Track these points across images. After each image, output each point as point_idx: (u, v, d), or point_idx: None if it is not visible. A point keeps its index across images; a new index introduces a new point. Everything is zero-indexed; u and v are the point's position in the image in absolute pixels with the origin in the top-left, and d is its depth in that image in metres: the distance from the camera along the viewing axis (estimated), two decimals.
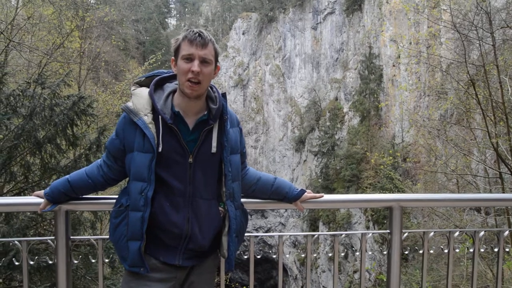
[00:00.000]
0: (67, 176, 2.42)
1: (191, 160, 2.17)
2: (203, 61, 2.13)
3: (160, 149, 2.13)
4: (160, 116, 2.16)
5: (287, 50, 47.20)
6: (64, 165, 8.39)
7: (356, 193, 31.66)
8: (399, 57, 32.28)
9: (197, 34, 2.12)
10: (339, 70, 41.62)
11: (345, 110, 38.87)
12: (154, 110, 2.19)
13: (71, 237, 2.62)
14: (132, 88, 2.31)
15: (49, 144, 8.02)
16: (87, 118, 8.71)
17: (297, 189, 2.60)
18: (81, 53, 18.42)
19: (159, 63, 20.96)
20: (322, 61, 43.68)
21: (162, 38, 64.50)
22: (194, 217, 2.20)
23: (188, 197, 2.18)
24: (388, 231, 2.85)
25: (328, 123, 39.20)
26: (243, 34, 52.15)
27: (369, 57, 34.77)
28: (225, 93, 2.34)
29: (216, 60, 2.22)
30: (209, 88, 2.30)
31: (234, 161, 2.29)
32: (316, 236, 2.88)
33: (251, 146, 48.13)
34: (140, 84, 2.32)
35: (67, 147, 8.50)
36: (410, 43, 29.56)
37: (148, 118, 2.16)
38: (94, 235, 9.18)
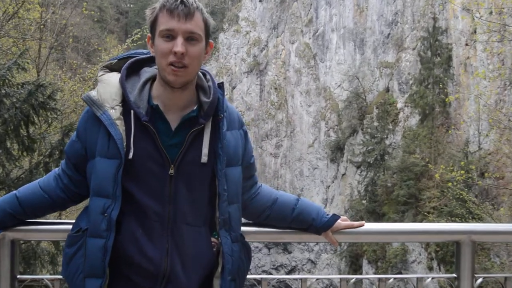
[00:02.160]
0: (14, 192, 2.44)
1: (172, 171, 2.17)
2: (189, 38, 2.13)
3: (130, 155, 2.13)
4: (132, 111, 2.17)
5: (320, 23, 47.14)
6: (16, 177, 8.50)
7: (414, 219, 31.34)
8: (475, 32, 31.96)
9: (178, 1, 2.11)
10: (392, 50, 41.39)
11: (399, 105, 38.61)
12: (125, 103, 2.19)
13: (18, 276, 2.63)
14: (100, 73, 2.32)
15: None
16: (48, 114, 8.82)
17: (327, 215, 2.58)
18: (42, 26, 18.63)
19: (145, 40, 21.14)
20: (368, 38, 43.51)
21: (150, 6, 65.17)
22: (175, 249, 2.19)
23: (167, 222, 2.18)
24: (454, 275, 2.81)
25: (375, 123, 38.96)
26: (260, 1, 52.31)
27: (433, 33, 34.49)
28: (222, 82, 2.34)
29: (208, 35, 2.22)
30: (200, 74, 2.30)
31: (232, 176, 2.28)
32: (354, 279, 2.85)
33: (270, 154, 48.10)
34: (111, 69, 2.34)
35: (20, 153, 8.59)
36: (491, 13, 29.24)
37: (115, 113, 2.16)
38: (54, 273, 9.24)
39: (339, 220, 2.59)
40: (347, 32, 45.07)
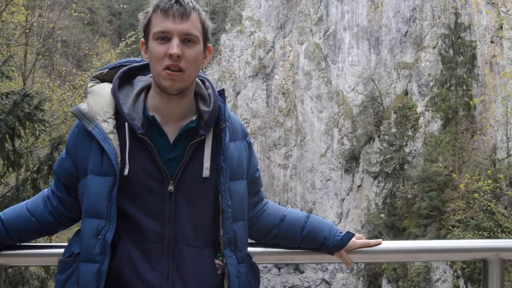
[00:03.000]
0: None
1: (171, 188, 2.18)
2: (186, 40, 2.14)
3: (126, 171, 2.14)
4: (126, 124, 2.18)
5: (331, 21, 47.22)
6: (2, 195, 8.54)
7: (438, 234, 31.23)
8: (501, 28, 31.93)
9: (173, 0, 2.13)
10: (410, 50, 41.40)
11: (419, 109, 38.56)
12: (119, 115, 2.21)
13: None
14: (89, 84, 2.34)
15: None
16: (35, 126, 8.86)
17: (340, 233, 2.57)
18: (27, 30, 18.75)
19: (140, 44, 21.29)
20: (384, 36, 43.54)
21: (145, 6, 65.57)
22: (176, 273, 2.19)
23: (167, 243, 2.18)
24: None
25: (394, 130, 38.91)
26: None
27: (455, 30, 34.49)
28: (223, 89, 2.35)
29: (206, 38, 2.24)
30: (199, 81, 2.32)
31: (236, 190, 2.29)
32: None
33: (279, 165, 48.04)
34: (101, 79, 2.36)
35: (6, 169, 8.64)
36: None
37: (108, 126, 2.17)
38: None
39: (353, 239, 2.57)
40: (360, 30, 45.11)
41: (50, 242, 9.70)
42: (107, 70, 2.36)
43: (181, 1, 2.13)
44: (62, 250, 2.40)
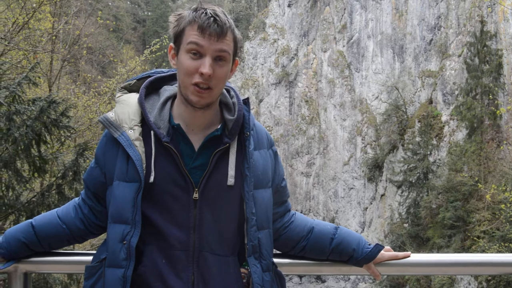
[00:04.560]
0: (30, 220, 2.47)
1: (196, 195, 2.18)
2: (218, 58, 2.15)
3: (151, 179, 2.15)
4: (152, 132, 2.20)
5: (354, 29, 47.13)
6: (27, 201, 8.61)
7: (463, 245, 30.95)
8: None
9: (211, 18, 2.11)
10: (435, 58, 41.15)
11: (444, 118, 38.30)
12: (145, 123, 2.23)
13: None
14: (117, 94, 2.36)
15: (5, 170, 8.23)
16: (61, 132, 8.93)
17: (369, 245, 2.55)
18: (54, 37, 18.94)
19: (165, 50, 21.37)
20: (408, 44, 43.34)
21: (170, 13, 66.02)
22: (201, 281, 2.19)
23: (192, 251, 2.19)
24: None
25: (418, 139, 38.68)
26: (289, 6, 52.49)
27: (481, 38, 34.22)
28: (247, 98, 2.36)
29: (235, 54, 2.24)
30: (224, 91, 2.33)
31: (260, 199, 2.28)
32: None
33: (301, 173, 47.95)
34: (129, 90, 2.38)
35: (31, 174, 8.71)
36: None
37: (134, 133, 2.19)
38: None
39: (382, 251, 2.54)
40: (385, 38, 44.96)
41: (73, 249, 9.77)
42: (134, 81, 2.39)
43: (218, 20, 2.11)
44: (89, 258, 2.42)
